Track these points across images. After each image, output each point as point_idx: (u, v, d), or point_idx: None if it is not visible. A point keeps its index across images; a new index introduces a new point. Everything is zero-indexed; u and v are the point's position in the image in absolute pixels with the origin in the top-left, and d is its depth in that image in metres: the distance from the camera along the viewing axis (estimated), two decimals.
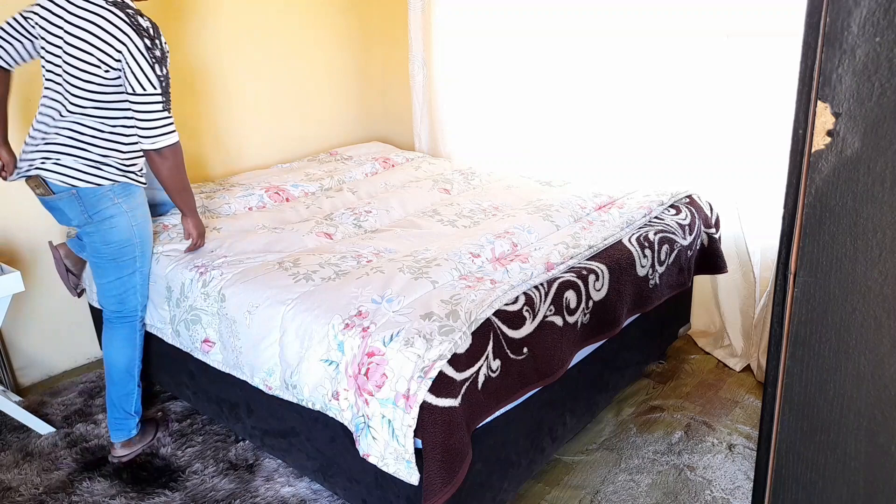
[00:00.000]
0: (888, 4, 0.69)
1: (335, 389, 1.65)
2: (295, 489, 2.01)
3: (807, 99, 0.77)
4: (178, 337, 2.14)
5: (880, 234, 0.76)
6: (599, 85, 2.89)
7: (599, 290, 1.98)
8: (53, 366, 2.76)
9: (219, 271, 2.04)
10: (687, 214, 2.44)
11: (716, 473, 2.05)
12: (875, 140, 0.74)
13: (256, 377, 1.89)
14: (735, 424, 2.28)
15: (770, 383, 0.90)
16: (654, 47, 2.68)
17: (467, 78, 3.33)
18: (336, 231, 2.34)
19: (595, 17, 2.81)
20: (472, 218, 2.41)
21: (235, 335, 1.92)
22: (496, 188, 2.79)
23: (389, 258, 2.02)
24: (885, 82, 0.71)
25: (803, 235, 0.81)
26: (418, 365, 1.50)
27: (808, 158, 0.78)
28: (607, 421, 2.32)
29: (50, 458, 2.21)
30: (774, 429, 0.89)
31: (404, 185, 2.89)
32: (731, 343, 2.69)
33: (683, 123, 2.68)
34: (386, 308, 1.70)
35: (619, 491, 1.98)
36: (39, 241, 2.61)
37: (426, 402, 1.48)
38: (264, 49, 3.30)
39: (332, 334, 1.67)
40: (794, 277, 0.83)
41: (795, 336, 0.85)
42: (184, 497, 2.00)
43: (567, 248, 2.06)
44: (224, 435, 2.29)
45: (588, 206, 2.46)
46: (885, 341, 0.79)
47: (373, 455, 1.58)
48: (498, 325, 1.66)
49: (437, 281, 1.83)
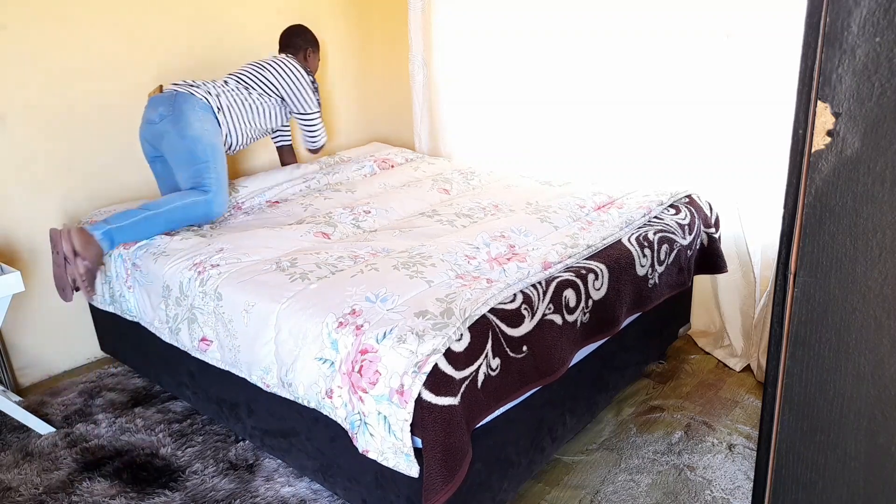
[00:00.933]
0: (888, 4, 0.69)
1: (329, 387, 1.65)
2: (295, 489, 2.01)
3: (807, 99, 0.77)
4: (176, 335, 2.14)
5: (880, 234, 0.76)
6: (599, 85, 2.89)
7: (599, 290, 1.98)
8: (53, 366, 2.76)
9: (216, 270, 2.04)
10: (687, 214, 2.44)
11: (716, 473, 2.05)
12: (875, 140, 0.74)
13: (254, 375, 1.89)
14: (735, 424, 2.28)
15: (770, 383, 0.90)
16: (654, 47, 2.68)
17: (467, 78, 3.33)
18: (334, 231, 2.34)
19: (595, 17, 2.81)
20: (470, 217, 2.41)
21: (233, 334, 1.92)
22: (496, 188, 2.79)
23: (385, 257, 2.02)
24: (885, 82, 0.71)
25: (803, 235, 0.81)
26: (411, 360, 1.51)
27: (808, 158, 0.78)
28: (607, 421, 2.32)
29: (50, 458, 2.21)
30: (774, 429, 0.89)
31: (403, 186, 2.89)
32: (731, 343, 2.69)
33: (683, 123, 2.67)
34: (380, 307, 1.70)
35: (619, 491, 1.99)
36: (39, 241, 2.61)
37: (426, 401, 1.48)
38: (264, 49, 3.30)
39: (326, 332, 1.67)
40: (794, 277, 0.83)
41: (795, 336, 0.85)
42: (184, 497, 2.00)
43: (566, 247, 2.06)
44: (224, 435, 2.29)
45: (587, 205, 2.46)
46: (885, 341, 0.79)
47: (372, 451, 1.58)
48: (497, 323, 1.66)
49: (432, 280, 1.83)
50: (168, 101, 2.48)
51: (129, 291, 2.31)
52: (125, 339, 2.56)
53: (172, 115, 2.44)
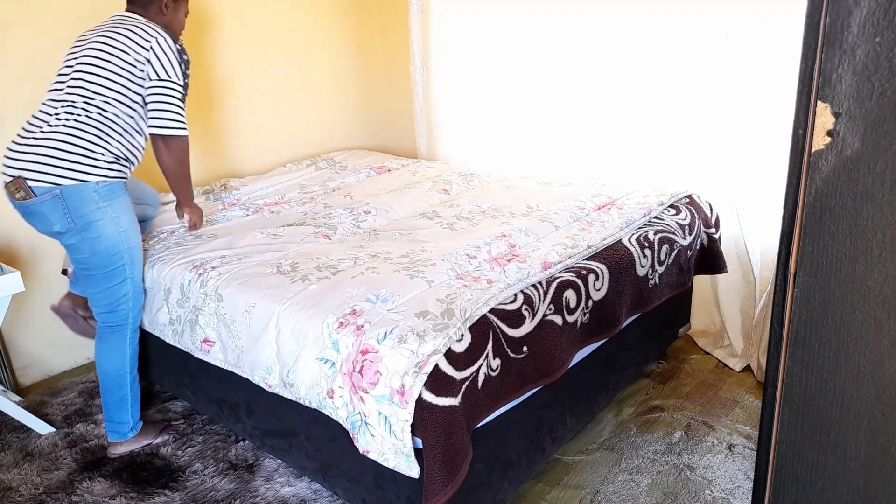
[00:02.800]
0: (888, 4, 0.69)
1: (330, 388, 1.65)
2: (295, 489, 2.01)
3: (807, 99, 0.77)
4: (179, 337, 2.14)
5: (880, 234, 0.76)
6: (599, 85, 2.89)
7: (599, 290, 1.98)
8: (53, 366, 2.76)
9: (216, 272, 2.04)
10: (687, 214, 2.44)
11: (716, 473, 2.05)
12: (875, 140, 0.74)
13: (257, 375, 1.89)
14: (735, 424, 2.28)
15: (770, 383, 0.90)
16: (654, 47, 2.68)
17: (467, 78, 3.33)
18: (335, 233, 2.34)
19: (595, 17, 2.82)
20: (471, 220, 2.41)
21: (235, 335, 1.92)
22: (496, 189, 2.79)
23: (385, 259, 2.02)
24: (885, 82, 0.71)
25: (803, 235, 0.81)
26: (412, 360, 1.51)
27: (808, 158, 0.78)
28: (607, 421, 2.32)
29: (50, 458, 2.21)
30: (774, 429, 0.90)
31: (403, 187, 2.89)
32: (731, 343, 2.69)
33: (683, 123, 2.67)
34: (381, 307, 1.70)
35: (619, 491, 1.98)
36: (39, 241, 2.61)
37: (427, 401, 1.48)
38: (263, 50, 3.30)
39: (327, 333, 1.67)
40: (794, 277, 0.83)
41: (795, 336, 0.85)
42: (184, 497, 2.00)
43: (566, 248, 2.06)
44: (224, 435, 2.29)
45: (587, 206, 2.46)
46: (885, 341, 0.79)
47: (372, 451, 1.58)
48: (497, 323, 1.66)
49: (432, 280, 1.83)
50: (56, 207, 1.91)
51: None
52: None
53: (76, 226, 1.94)
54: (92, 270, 2.02)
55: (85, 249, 1.97)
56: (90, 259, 1.99)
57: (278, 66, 3.38)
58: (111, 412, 2.17)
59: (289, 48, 3.41)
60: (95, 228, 1.95)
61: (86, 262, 2.00)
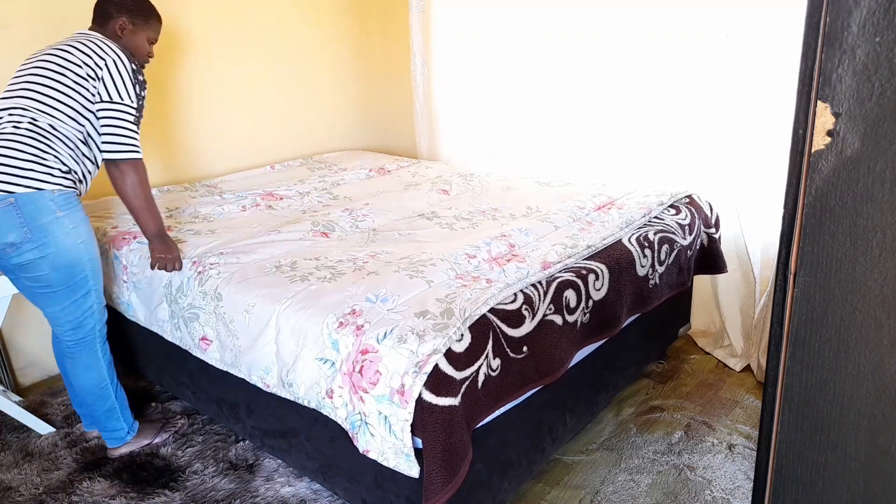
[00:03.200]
0: (888, 4, 0.69)
1: (329, 387, 1.65)
2: (295, 489, 2.01)
3: (807, 99, 0.77)
4: (177, 332, 2.14)
5: (880, 234, 0.76)
6: (599, 85, 2.90)
7: (599, 290, 1.98)
8: (53, 366, 2.76)
9: (215, 270, 2.04)
10: (687, 214, 2.44)
11: (716, 473, 2.05)
12: (875, 140, 0.74)
13: (254, 375, 1.89)
14: (735, 424, 2.28)
15: (770, 383, 0.90)
16: (655, 47, 2.68)
17: (468, 78, 3.33)
18: (333, 232, 2.34)
19: (595, 17, 2.82)
20: (470, 220, 2.41)
21: (234, 334, 1.92)
22: (495, 189, 2.79)
23: (385, 260, 2.02)
24: (885, 82, 0.71)
25: (803, 235, 0.81)
26: (412, 360, 1.51)
27: (808, 158, 0.78)
28: (607, 421, 2.32)
29: (50, 458, 2.21)
30: (774, 429, 0.89)
31: (403, 188, 2.89)
32: (731, 343, 2.69)
33: (683, 123, 2.68)
34: (380, 307, 1.70)
35: (619, 491, 1.99)
36: None
37: (426, 401, 1.48)
38: (263, 50, 3.30)
39: (327, 333, 1.67)
40: (794, 277, 0.83)
41: (795, 336, 0.85)
42: (184, 497, 2.00)
43: (565, 248, 2.06)
44: (224, 435, 2.29)
45: (587, 206, 2.46)
46: (885, 341, 0.79)
47: (372, 451, 1.58)
48: (497, 323, 1.66)
49: (432, 280, 1.83)
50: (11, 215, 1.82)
51: (128, 293, 2.31)
52: (125, 339, 2.56)
53: (32, 237, 1.85)
54: (54, 287, 1.93)
55: (45, 265, 1.89)
56: (52, 275, 1.91)
57: (278, 67, 3.38)
58: (103, 422, 2.16)
59: (288, 48, 3.41)
60: (53, 240, 1.87)
61: (47, 279, 1.92)
